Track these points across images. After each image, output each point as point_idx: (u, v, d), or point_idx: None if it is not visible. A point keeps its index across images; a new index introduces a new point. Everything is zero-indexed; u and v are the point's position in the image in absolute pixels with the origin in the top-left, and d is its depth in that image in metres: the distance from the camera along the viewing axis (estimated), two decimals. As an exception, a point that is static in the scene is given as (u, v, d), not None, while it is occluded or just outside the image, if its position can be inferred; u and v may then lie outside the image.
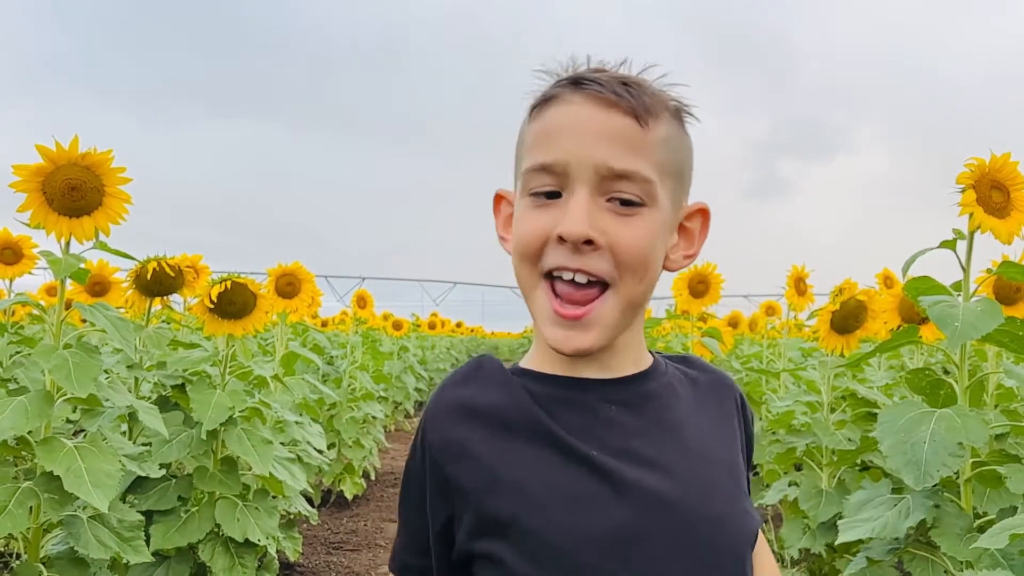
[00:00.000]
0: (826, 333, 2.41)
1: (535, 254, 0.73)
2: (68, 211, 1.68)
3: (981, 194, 1.56)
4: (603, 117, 0.71)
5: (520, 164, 0.76)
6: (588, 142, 0.70)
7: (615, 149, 0.70)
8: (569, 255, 0.71)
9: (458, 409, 0.77)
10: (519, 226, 0.75)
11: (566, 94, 0.73)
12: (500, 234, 0.82)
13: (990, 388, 1.98)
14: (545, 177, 0.72)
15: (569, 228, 0.70)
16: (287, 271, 3.00)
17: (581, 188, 0.71)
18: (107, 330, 1.77)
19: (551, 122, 0.73)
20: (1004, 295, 1.93)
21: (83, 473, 1.64)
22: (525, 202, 0.74)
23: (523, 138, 0.77)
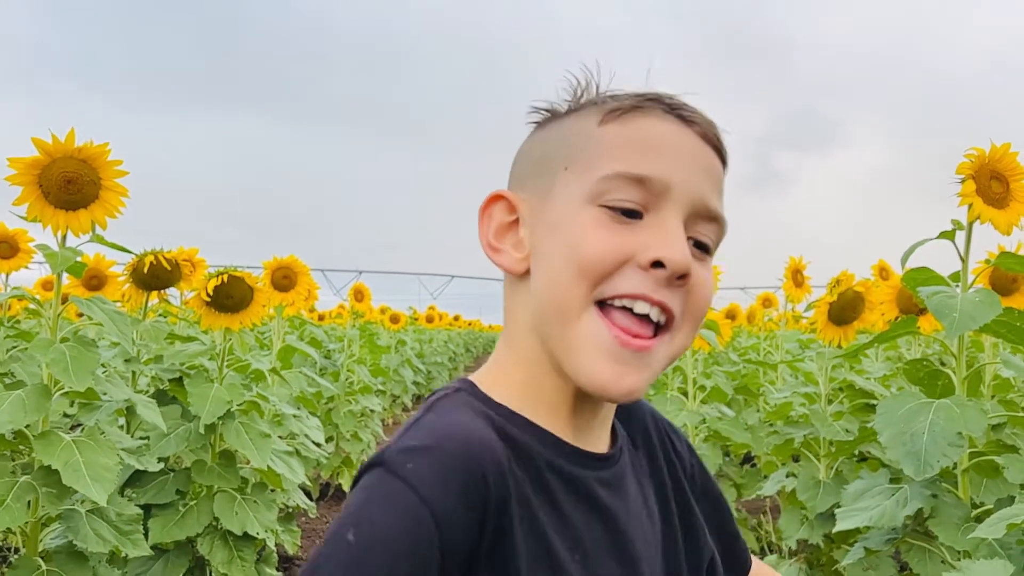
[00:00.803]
0: (823, 324, 2.41)
1: (600, 276, 0.61)
2: (64, 204, 1.67)
3: (981, 184, 1.56)
4: (705, 152, 0.65)
5: (578, 165, 0.64)
6: (694, 170, 0.63)
7: (713, 188, 0.65)
8: (654, 286, 0.61)
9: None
10: (584, 238, 0.62)
11: (657, 112, 0.64)
12: (491, 243, 0.69)
13: (987, 378, 1.98)
14: (634, 191, 0.62)
15: (674, 255, 0.60)
16: (283, 264, 3.00)
17: (676, 214, 0.62)
18: (104, 324, 1.77)
19: (652, 134, 0.63)
20: (1001, 286, 1.93)
21: (81, 467, 1.63)
22: (593, 212, 0.62)
23: (589, 139, 0.65)
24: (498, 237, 0.69)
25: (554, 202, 0.65)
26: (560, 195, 0.65)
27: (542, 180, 0.67)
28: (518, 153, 0.73)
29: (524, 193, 0.68)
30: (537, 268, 0.66)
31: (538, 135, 0.71)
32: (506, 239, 0.69)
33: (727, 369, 4.19)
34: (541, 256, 0.66)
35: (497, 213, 0.69)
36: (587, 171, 0.63)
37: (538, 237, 0.66)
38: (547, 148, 0.68)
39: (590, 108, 0.67)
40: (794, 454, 2.83)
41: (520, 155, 0.73)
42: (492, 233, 0.69)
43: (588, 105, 0.68)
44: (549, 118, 0.71)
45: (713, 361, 4.44)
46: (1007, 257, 1.66)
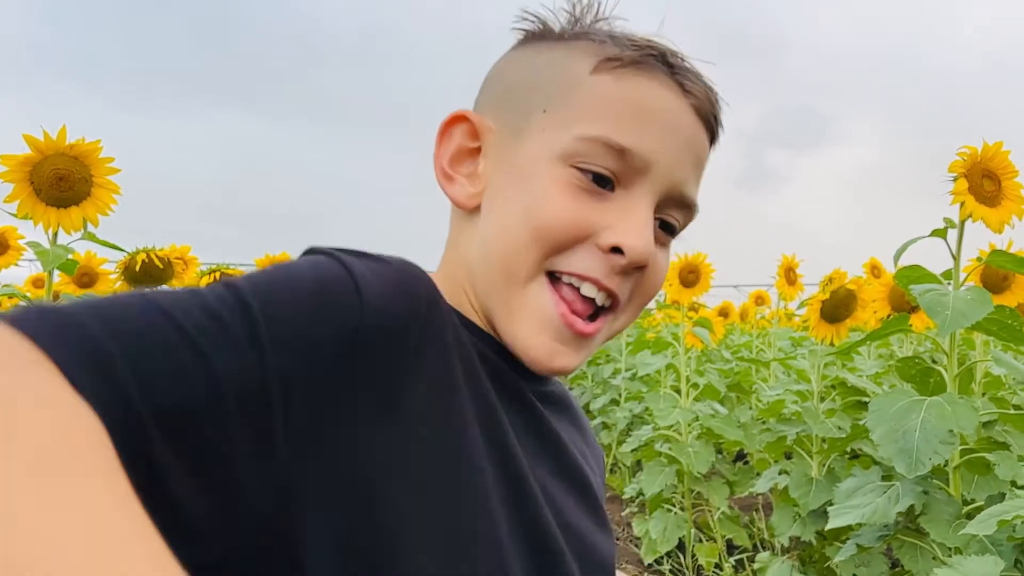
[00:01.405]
0: (816, 322, 2.42)
1: (556, 247, 0.57)
2: (56, 201, 1.66)
3: (973, 183, 1.57)
4: (695, 126, 0.59)
5: (557, 112, 0.58)
6: (678, 149, 0.58)
7: (691, 172, 0.60)
8: (608, 271, 0.57)
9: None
10: (548, 201, 0.56)
11: (657, 73, 0.58)
12: (445, 169, 0.62)
13: (978, 376, 2.00)
14: (612, 160, 0.56)
15: (636, 245, 0.56)
16: (275, 261, 2.99)
17: (648, 198, 0.58)
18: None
19: (646, 100, 0.57)
20: (992, 283, 1.94)
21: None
22: (563, 173, 0.56)
23: (576, 84, 0.58)
24: (454, 164, 0.62)
25: (524, 145, 0.59)
26: (532, 140, 0.58)
27: (516, 114, 0.60)
28: (495, 68, 0.65)
29: (492, 120, 0.61)
30: (490, 211, 0.60)
31: (521, 55, 0.63)
32: (462, 167, 0.62)
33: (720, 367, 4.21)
34: (497, 199, 0.60)
35: (458, 136, 0.62)
36: (567, 123, 0.57)
37: (499, 176, 0.60)
38: (528, 78, 0.61)
39: (585, 44, 0.60)
40: (787, 451, 2.84)
41: (496, 72, 0.65)
42: (448, 158, 0.62)
43: (583, 38, 0.60)
44: (538, 35, 0.63)
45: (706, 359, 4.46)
46: (998, 255, 1.67)
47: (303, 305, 0.44)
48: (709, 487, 3.07)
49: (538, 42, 0.63)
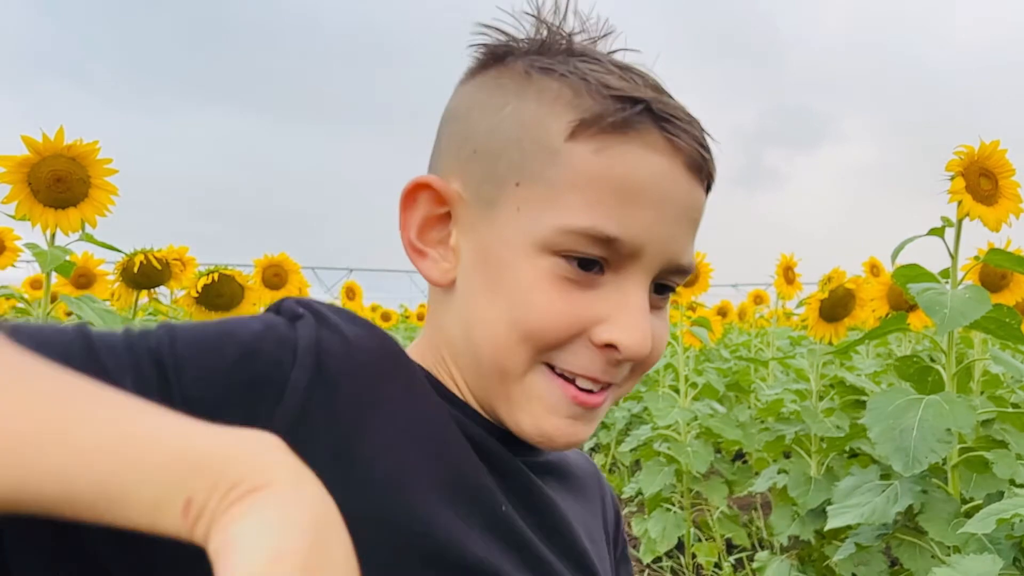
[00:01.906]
0: (815, 321, 2.42)
1: (548, 347, 0.52)
2: (54, 203, 1.66)
3: (970, 182, 1.58)
4: (691, 189, 0.53)
5: (533, 188, 0.52)
6: (671, 223, 0.52)
7: (687, 237, 0.54)
8: (604, 367, 0.53)
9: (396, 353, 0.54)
10: (533, 300, 0.51)
11: (644, 130, 0.51)
12: (413, 242, 0.56)
13: (977, 374, 2.00)
14: (598, 247, 0.51)
15: (632, 341, 0.51)
16: (274, 262, 2.99)
17: (642, 280, 0.52)
18: (94, 323, 1.76)
19: (633, 174, 0.50)
20: (990, 282, 1.94)
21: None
22: (546, 264, 0.51)
23: (552, 155, 0.51)
24: (422, 235, 0.56)
25: (498, 223, 0.53)
26: (507, 220, 0.52)
27: (485, 183, 0.54)
28: (455, 112, 0.58)
29: (459, 185, 0.55)
30: (469, 296, 0.55)
31: (484, 97, 0.56)
32: (431, 236, 0.56)
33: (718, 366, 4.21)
34: (474, 285, 0.54)
35: (423, 204, 0.56)
36: (545, 205, 0.51)
37: (473, 255, 0.54)
38: (496, 138, 0.54)
39: (557, 90, 0.52)
40: (785, 451, 2.84)
41: (457, 123, 0.57)
42: (415, 230, 0.56)
43: (551, 75, 0.53)
44: (499, 56, 0.56)
45: (704, 358, 4.46)
46: (996, 253, 1.67)
47: (223, 352, 0.45)
48: (708, 486, 3.07)
49: (500, 73, 0.55)
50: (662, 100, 0.52)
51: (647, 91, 0.52)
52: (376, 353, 0.52)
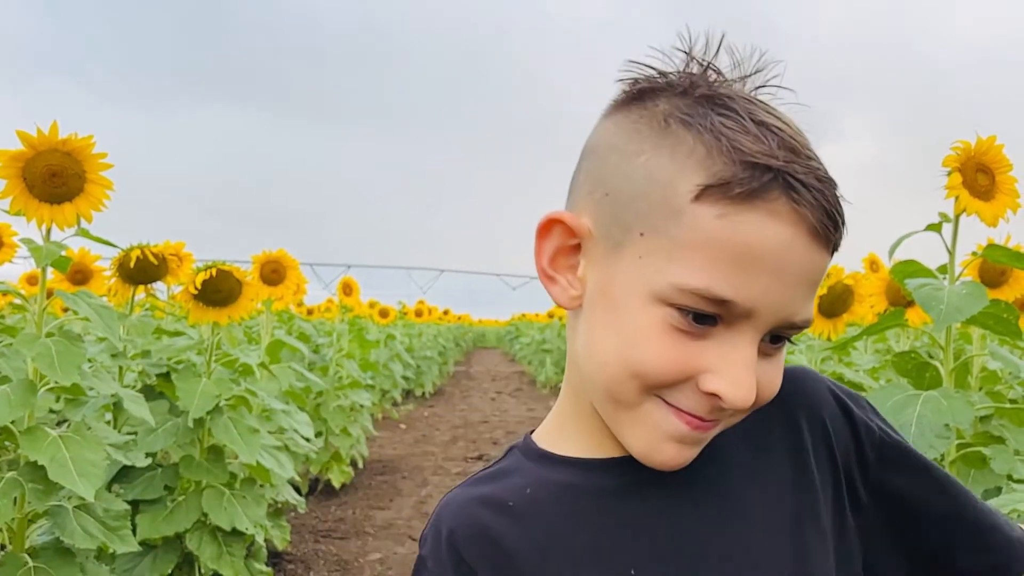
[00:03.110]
0: (813, 317, 2.42)
1: (657, 386, 0.56)
2: (49, 198, 1.66)
3: (967, 177, 1.57)
4: (812, 255, 0.54)
5: (655, 241, 0.55)
6: (787, 289, 0.54)
7: (804, 298, 0.56)
8: (710, 410, 0.56)
9: None
10: (645, 345, 0.55)
11: (773, 198, 0.52)
12: (546, 270, 0.61)
13: (975, 370, 1.99)
14: (711, 306, 0.53)
15: (736, 398, 0.54)
16: (272, 258, 2.98)
17: (752, 337, 0.55)
18: (90, 318, 1.75)
19: (752, 244, 0.52)
20: (989, 278, 1.94)
21: (68, 462, 1.62)
22: (659, 314, 0.54)
23: (677, 213, 0.53)
24: (554, 263, 0.61)
25: (620, 268, 0.56)
26: (628, 266, 0.56)
27: (614, 225, 0.57)
28: (595, 144, 0.61)
29: (591, 222, 0.59)
30: (590, 326, 0.59)
31: (623, 139, 0.58)
32: (563, 265, 0.61)
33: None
34: (594, 318, 0.59)
35: (557, 236, 0.61)
36: (664, 259, 0.54)
37: (596, 289, 0.59)
38: (627, 186, 0.56)
39: (692, 146, 0.54)
40: (783, 446, 2.83)
41: (596, 154, 0.61)
42: (548, 258, 0.61)
43: (689, 128, 0.54)
44: (639, 97, 0.59)
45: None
46: (994, 249, 1.67)
47: None
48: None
49: (640, 116, 0.57)
50: (793, 165, 0.53)
51: (779, 154, 0.53)
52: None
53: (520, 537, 0.61)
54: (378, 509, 4.42)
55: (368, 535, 3.95)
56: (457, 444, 6.55)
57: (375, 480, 5.11)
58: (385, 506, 4.50)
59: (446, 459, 5.90)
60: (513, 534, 0.61)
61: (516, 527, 0.61)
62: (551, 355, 11.58)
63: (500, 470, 0.66)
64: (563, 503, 0.62)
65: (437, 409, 8.88)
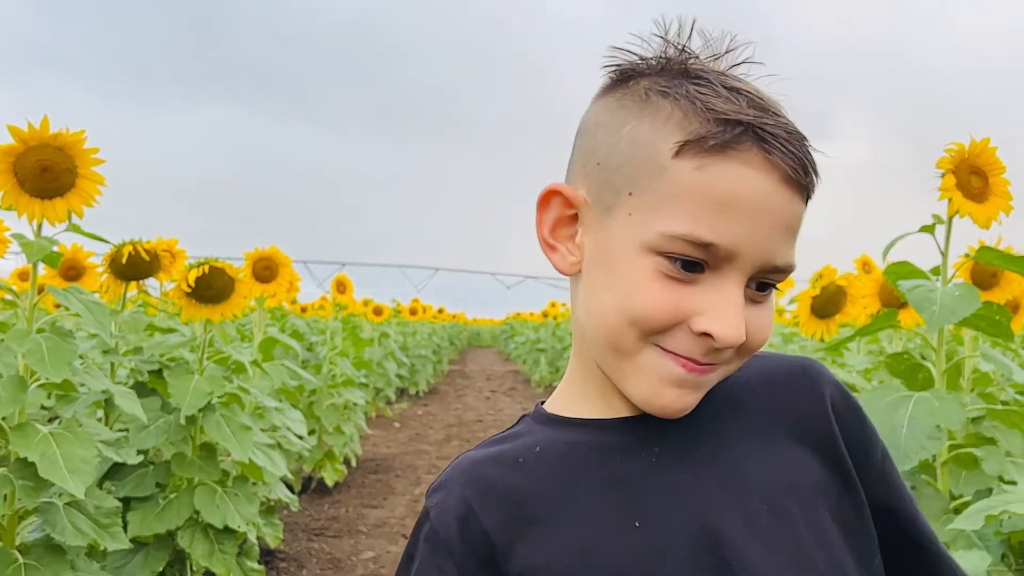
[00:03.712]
0: (806, 318, 2.42)
1: (653, 331, 0.60)
2: (40, 193, 1.65)
3: (960, 179, 1.57)
4: (785, 200, 0.59)
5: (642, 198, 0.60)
6: (764, 230, 0.58)
7: (784, 241, 0.60)
8: (705, 352, 0.60)
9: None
10: (639, 292, 0.59)
11: (742, 149, 0.57)
12: (547, 239, 0.66)
13: (967, 372, 2.00)
14: (698, 251, 0.58)
15: (726, 332, 0.58)
16: (264, 255, 2.97)
17: (737, 279, 0.59)
18: (82, 314, 1.74)
19: (725, 187, 0.57)
20: (981, 280, 1.94)
21: (58, 459, 1.62)
22: (651, 262, 0.59)
23: (660, 170, 0.59)
24: (554, 232, 0.66)
25: (612, 228, 0.62)
26: (619, 224, 0.61)
27: (605, 191, 0.63)
28: (585, 123, 0.67)
29: (585, 192, 0.64)
30: (589, 286, 0.64)
31: (608, 116, 0.64)
32: (561, 234, 0.66)
33: (710, 362, 4.21)
34: (593, 277, 0.64)
35: (555, 206, 0.66)
36: (652, 212, 0.59)
37: (593, 251, 0.64)
38: (615, 154, 0.62)
39: (668, 111, 0.59)
40: (776, 447, 2.84)
41: (587, 136, 0.66)
42: (549, 228, 0.66)
43: (666, 98, 0.60)
44: (624, 78, 0.64)
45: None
46: (987, 251, 1.67)
47: None
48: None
49: (624, 94, 0.63)
50: (763, 120, 0.58)
51: (749, 111, 0.58)
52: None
53: (529, 485, 0.64)
54: (371, 508, 4.42)
55: (361, 533, 3.94)
56: (451, 443, 6.55)
57: (368, 479, 5.10)
58: (378, 504, 4.50)
59: (440, 458, 5.89)
60: (522, 484, 0.64)
61: (525, 478, 0.64)
62: (545, 354, 11.58)
63: (511, 434, 0.70)
64: (571, 457, 0.65)
65: (431, 408, 8.88)
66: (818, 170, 0.61)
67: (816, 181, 0.61)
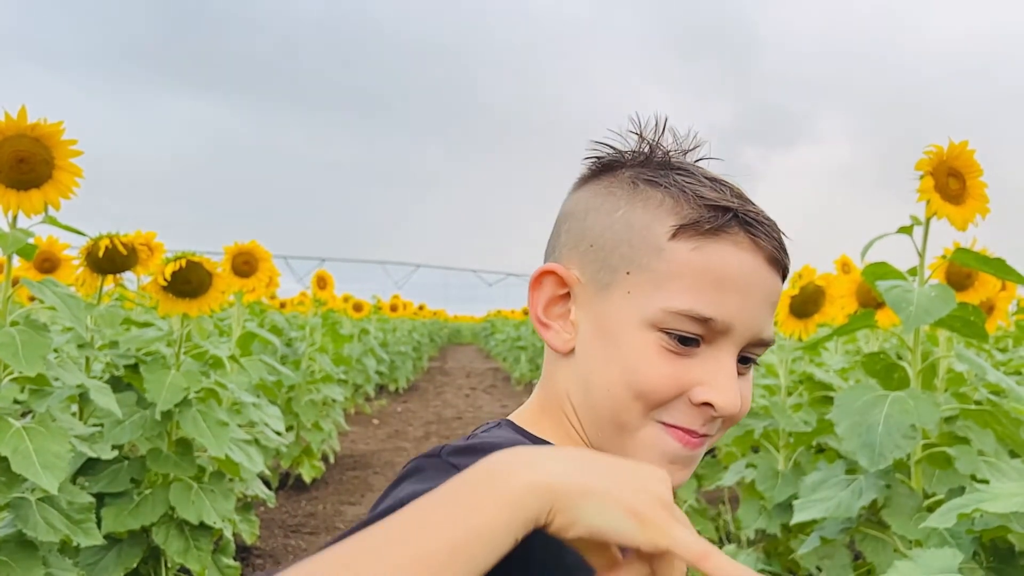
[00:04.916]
0: (785, 317, 2.44)
1: (657, 405, 0.64)
2: (16, 184, 1.62)
3: (939, 181, 1.59)
4: (770, 279, 0.66)
5: (641, 276, 0.64)
6: (755, 307, 0.64)
7: (768, 316, 0.66)
8: (703, 422, 0.64)
9: None
10: (645, 366, 0.63)
11: (734, 232, 0.63)
12: (541, 318, 0.69)
13: (941, 372, 2.02)
14: (696, 326, 0.62)
15: (725, 402, 0.62)
16: (244, 250, 2.95)
17: (731, 351, 0.64)
18: (57, 307, 1.72)
19: (725, 268, 0.63)
20: (956, 281, 1.97)
21: (31, 454, 1.59)
22: (653, 338, 0.63)
23: (658, 251, 0.64)
24: (547, 311, 0.69)
25: (611, 306, 0.65)
26: (619, 300, 0.65)
27: (601, 271, 0.66)
28: (573, 211, 0.71)
29: (578, 271, 0.68)
30: (588, 361, 0.67)
31: (598, 202, 0.68)
32: (554, 313, 0.69)
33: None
34: (592, 352, 0.66)
35: (548, 286, 0.69)
36: (652, 290, 0.63)
37: (590, 327, 0.67)
38: (609, 236, 0.66)
39: (660, 199, 0.65)
40: (754, 445, 2.86)
41: (576, 220, 0.70)
42: (542, 307, 0.69)
43: (656, 187, 0.65)
44: (608, 167, 0.69)
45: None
46: (962, 253, 1.69)
47: None
48: (677, 480, 3.09)
49: (611, 183, 0.68)
50: (746, 208, 0.65)
51: (734, 200, 0.65)
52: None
53: None
54: (349, 504, 4.40)
55: (338, 530, 3.92)
56: (430, 440, 6.54)
57: (346, 475, 5.08)
58: (356, 501, 4.48)
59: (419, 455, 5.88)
60: None
61: None
62: (526, 352, 11.59)
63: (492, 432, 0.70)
64: None
65: (411, 405, 8.85)
66: (788, 254, 0.68)
67: (789, 264, 0.68)
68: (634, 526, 0.45)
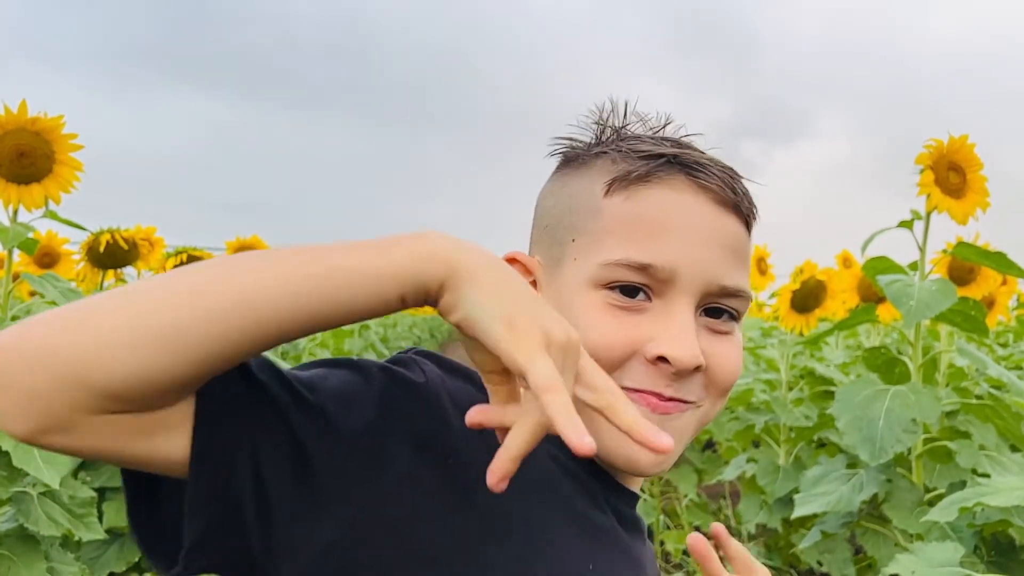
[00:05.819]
0: (786, 312, 2.44)
1: (609, 367, 0.56)
2: (16, 178, 1.62)
3: (939, 175, 1.59)
4: (718, 218, 0.60)
5: (583, 240, 0.61)
6: (702, 250, 0.59)
7: (724, 261, 0.60)
8: (665, 381, 0.59)
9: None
10: (589, 327, 0.58)
11: (668, 176, 0.60)
12: None
13: (942, 366, 2.02)
14: (638, 276, 0.58)
15: (679, 353, 0.57)
16: (245, 244, 2.95)
17: (686, 302, 0.59)
18: (58, 302, 1.72)
19: (655, 210, 0.59)
20: (958, 275, 1.97)
21: (33, 448, 1.60)
22: (597, 296, 0.60)
23: (595, 212, 0.61)
24: None
25: (562, 277, 0.63)
26: (567, 271, 0.63)
27: (553, 248, 0.65)
28: (538, 202, 0.70)
29: (539, 255, 0.66)
30: None
31: (555, 186, 0.68)
32: None
33: (690, 356, 4.23)
34: None
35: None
36: (591, 250, 0.61)
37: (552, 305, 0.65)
38: (559, 211, 0.65)
39: (600, 164, 0.63)
40: (755, 440, 2.86)
41: (539, 208, 0.70)
42: None
43: (601, 156, 0.64)
44: (568, 160, 0.67)
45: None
46: (964, 247, 1.69)
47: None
48: (678, 475, 3.09)
49: (567, 166, 0.67)
50: (686, 152, 0.61)
51: (671, 148, 0.61)
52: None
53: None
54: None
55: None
56: (431, 435, 6.54)
57: (348, 470, 5.08)
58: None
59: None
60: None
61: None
62: (526, 347, 11.58)
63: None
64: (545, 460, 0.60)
65: (411, 400, 8.85)
66: (752, 200, 0.63)
67: (754, 210, 0.63)
68: (502, 332, 0.44)
